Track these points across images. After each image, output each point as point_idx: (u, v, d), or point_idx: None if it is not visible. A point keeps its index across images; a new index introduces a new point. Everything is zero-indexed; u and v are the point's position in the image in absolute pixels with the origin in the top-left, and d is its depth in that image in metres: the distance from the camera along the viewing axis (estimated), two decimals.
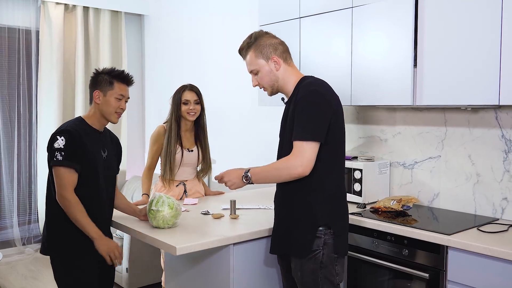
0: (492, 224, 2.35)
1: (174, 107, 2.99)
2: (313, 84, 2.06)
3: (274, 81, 2.14)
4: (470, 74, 2.22)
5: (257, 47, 2.12)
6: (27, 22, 4.69)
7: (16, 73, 4.72)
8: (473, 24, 2.21)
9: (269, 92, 2.20)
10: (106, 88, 2.30)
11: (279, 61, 2.11)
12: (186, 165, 3.04)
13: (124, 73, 2.36)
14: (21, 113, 4.76)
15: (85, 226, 2.18)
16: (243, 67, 4.11)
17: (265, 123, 3.89)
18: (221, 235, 2.15)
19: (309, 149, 1.95)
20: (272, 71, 2.12)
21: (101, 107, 2.31)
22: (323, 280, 2.04)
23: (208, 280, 2.29)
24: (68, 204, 2.17)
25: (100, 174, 2.31)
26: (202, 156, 3.10)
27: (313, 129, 1.96)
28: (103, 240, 2.21)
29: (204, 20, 4.52)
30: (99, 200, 2.33)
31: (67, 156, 2.17)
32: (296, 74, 2.14)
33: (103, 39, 5.01)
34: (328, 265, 2.03)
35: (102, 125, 2.37)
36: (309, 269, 2.04)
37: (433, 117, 2.74)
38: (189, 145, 3.05)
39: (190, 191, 3.06)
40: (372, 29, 2.60)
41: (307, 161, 1.95)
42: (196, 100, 3.02)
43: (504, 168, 2.46)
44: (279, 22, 3.10)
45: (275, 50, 2.11)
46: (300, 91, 2.05)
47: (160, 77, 5.16)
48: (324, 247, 2.02)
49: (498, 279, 1.96)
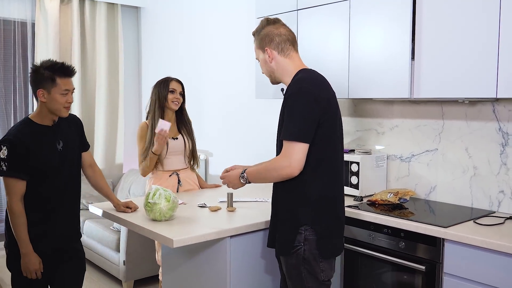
0: (489, 217, 2.36)
1: (159, 95, 3.05)
2: (303, 80, 2.01)
3: (271, 71, 2.15)
4: (468, 67, 2.22)
5: (258, 37, 2.15)
6: (22, 14, 4.66)
7: (11, 65, 4.69)
8: (471, 17, 2.20)
9: (270, 80, 2.22)
10: (49, 86, 2.23)
11: (272, 53, 2.10)
12: (173, 153, 3.07)
13: (65, 65, 2.28)
14: (17, 106, 4.74)
15: (19, 238, 2.24)
16: (240, 59, 4.12)
17: (262, 116, 3.88)
18: (218, 227, 2.15)
19: (298, 149, 1.92)
20: (267, 62, 2.13)
21: (48, 105, 2.26)
22: (307, 276, 2.01)
23: (205, 272, 2.29)
24: (11, 212, 2.24)
25: (57, 169, 2.32)
26: (192, 144, 3.14)
27: (300, 130, 1.93)
28: (30, 258, 2.26)
29: (201, 12, 4.50)
30: (61, 194, 2.35)
31: (10, 166, 2.19)
32: (294, 66, 2.11)
33: (99, 31, 4.99)
34: (311, 261, 2.00)
35: (52, 120, 2.34)
36: (292, 265, 2.03)
37: (431, 110, 2.74)
38: (172, 134, 3.10)
39: (184, 181, 3.08)
40: (369, 21, 2.59)
41: (295, 161, 1.93)
42: (181, 92, 3.11)
43: (501, 161, 2.47)
44: (277, 14, 3.08)
45: (271, 41, 2.10)
46: (289, 87, 2.04)
47: (157, 70, 5.13)
48: (306, 243, 1.99)
49: (494, 272, 1.97)
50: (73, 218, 2.46)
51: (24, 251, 2.25)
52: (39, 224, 2.28)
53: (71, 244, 2.47)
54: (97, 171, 2.58)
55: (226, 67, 4.23)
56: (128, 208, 2.47)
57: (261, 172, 2.07)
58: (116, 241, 3.78)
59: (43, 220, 2.31)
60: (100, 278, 3.99)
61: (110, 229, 3.95)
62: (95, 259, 4.08)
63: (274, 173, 1.99)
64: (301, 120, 1.94)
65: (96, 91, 5.01)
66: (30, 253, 2.26)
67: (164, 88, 3.06)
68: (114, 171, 5.10)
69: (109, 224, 4.00)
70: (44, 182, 2.29)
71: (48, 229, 2.32)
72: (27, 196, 2.26)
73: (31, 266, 2.26)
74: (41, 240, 2.29)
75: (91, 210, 2.66)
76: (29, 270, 2.27)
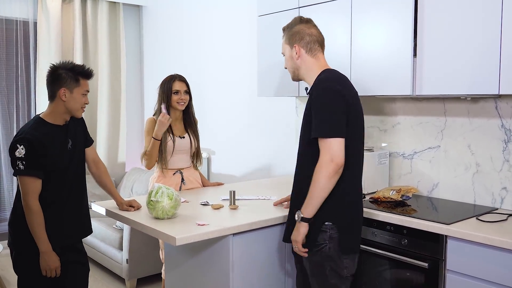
0: (491, 214, 2.35)
1: (164, 96, 3.03)
2: (328, 79, 2.08)
3: (295, 68, 2.19)
4: (470, 64, 2.21)
5: (289, 32, 2.19)
6: (24, 14, 4.66)
7: (14, 65, 4.70)
8: (473, 13, 2.20)
9: (291, 76, 2.25)
10: (73, 85, 2.29)
11: (300, 50, 2.15)
12: (179, 152, 3.06)
13: (85, 68, 2.37)
14: (19, 106, 4.74)
15: (38, 237, 2.25)
16: (242, 57, 4.11)
17: (264, 114, 3.88)
18: (221, 225, 2.15)
19: (334, 144, 1.94)
20: (293, 58, 2.17)
21: (67, 104, 2.30)
22: (331, 272, 2.07)
23: (208, 270, 2.29)
24: (29, 211, 2.24)
25: (66, 168, 2.35)
26: (197, 143, 3.14)
27: (331, 126, 1.96)
28: (50, 255, 2.27)
29: (202, 11, 4.50)
30: (68, 192, 2.38)
31: (28, 165, 2.21)
32: (319, 66, 2.16)
33: (101, 30, 4.99)
34: (335, 258, 2.05)
35: (65, 120, 2.37)
36: (316, 262, 2.08)
37: (433, 107, 2.74)
38: (179, 133, 3.09)
39: (187, 179, 3.08)
40: (371, 18, 2.59)
41: (336, 156, 1.93)
42: (186, 90, 3.08)
43: (503, 157, 2.46)
44: (278, 12, 3.08)
45: (301, 39, 2.15)
46: (315, 85, 2.08)
47: (159, 69, 5.14)
48: (330, 241, 2.04)
49: (497, 268, 1.97)
50: (80, 215, 2.48)
51: (43, 249, 2.26)
52: (47, 222, 2.29)
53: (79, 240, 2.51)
54: (101, 167, 2.60)
55: (228, 65, 4.23)
56: (131, 206, 2.48)
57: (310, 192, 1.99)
58: (119, 240, 3.79)
59: (51, 218, 2.31)
60: (103, 277, 4.00)
61: (113, 227, 3.96)
62: (98, 257, 4.09)
63: (320, 176, 1.95)
64: (331, 115, 1.98)
65: (98, 90, 5.01)
66: (49, 251, 2.27)
67: (168, 89, 3.03)
68: (117, 169, 5.11)
69: (112, 222, 4.01)
70: (53, 181, 2.30)
71: (56, 227, 2.33)
72: None
73: (51, 263, 2.27)
74: (50, 238, 2.29)
75: (94, 208, 2.66)
76: (50, 268, 2.28)
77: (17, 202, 2.34)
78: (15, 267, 2.37)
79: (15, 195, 2.37)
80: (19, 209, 2.29)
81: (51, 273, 2.29)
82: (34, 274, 2.31)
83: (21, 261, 2.35)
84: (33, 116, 4.65)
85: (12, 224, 2.37)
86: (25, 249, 2.32)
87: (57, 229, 2.33)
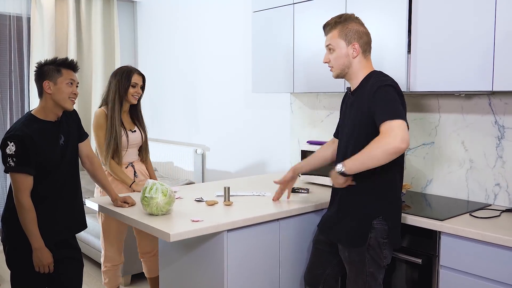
0: (485, 210, 2.37)
1: (119, 87, 2.92)
2: (384, 75, 2.11)
3: (346, 66, 2.16)
4: (464, 60, 2.22)
5: (344, 28, 2.14)
6: (17, 9, 4.63)
7: (7, 60, 4.67)
8: (467, 9, 2.20)
9: (335, 74, 2.21)
10: (55, 76, 2.29)
11: (359, 50, 2.13)
12: (132, 146, 3.01)
13: (68, 60, 2.35)
14: (13, 101, 4.72)
15: (30, 234, 2.25)
16: (237, 54, 4.10)
17: (259, 110, 3.88)
18: (215, 221, 2.15)
19: (398, 125, 1.92)
20: (348, 56, 2.14)
21: (53, 96, 2.29)
22: (370, 261, 2.11)
23: (202, 266, 2.29)
24: (20, 208, 2.23)
25: (58, 164, 2.34)
26: (145, 136, 3.10)
27: (396, 110, 1.97)
28: (42, 252, 2.28)
29: (197, 6, 4.48)
30: (60, 188, 2.37)
31: (19, 162, 2.20)
32: (368, 68, 2.17)
33: (95, 26, 4.97)
34: (376, 248, 2.09)
35: (56, 115, 2.35)
36: (357, 251, 2.12)
37: (427, 103, 2.75)
38: (129, 126, 3.03)
39: (138, 172, 3.05)
40: (365, 15, 2.57)
41: (406, 137, 1.91)
42: (142, 85, 3.02)
43: (497, 154, 2.47)
44: (273, 8, 3.07)
45: (360, 38, 2.13)
46: (372, 83, 2.07)
47: (153, 64, 5.12)
48: (372, 231, 2.08)
49: (490, 264, 1.98)
50: (73, 211, 2.47)
51: (36, 245, 2.26)
52: (40, 218, 2.28)
53: (72, 236, 2.51)
54: (96, 162, 2.59)
55: (222, 62, 4.22)
56: (126, 203, 2.47)
57: (362, 154, 1.98)
58: None
59: (44, 214, 2.31)
60: (98, 273, 3.99)
61: None
62: (93, 254, 4.07)
63: (381, 145, 1.91)
64: (394, 103, 1.99)
65: (93, 86, 4.99)
66: (42, 248, 2.27)
67: (125, 80, 2.93)
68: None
69: None
70: (45, 178, 2.30)
71: (48, 223, 2.33)
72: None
73: (44, 260, 2.28)
74: (43, 234, 2.30)
75: (88, 204, 2.65)
76: (43, 264, 2.28)
77: (9, 198, 2.33)
78: (8, 263, 2.37)
79: (8, 191, 2.37)
80: (12, 205, 2.29)
81: (44, 269, 2.29)
82: (27, 270, 2.31)
83: (14, 257, 2.35)
84: (26, 112, 4.67)
85: (5, 220, 2.36)
86: (18, 245, 2.31)
87: (50, 224, 2.33)
